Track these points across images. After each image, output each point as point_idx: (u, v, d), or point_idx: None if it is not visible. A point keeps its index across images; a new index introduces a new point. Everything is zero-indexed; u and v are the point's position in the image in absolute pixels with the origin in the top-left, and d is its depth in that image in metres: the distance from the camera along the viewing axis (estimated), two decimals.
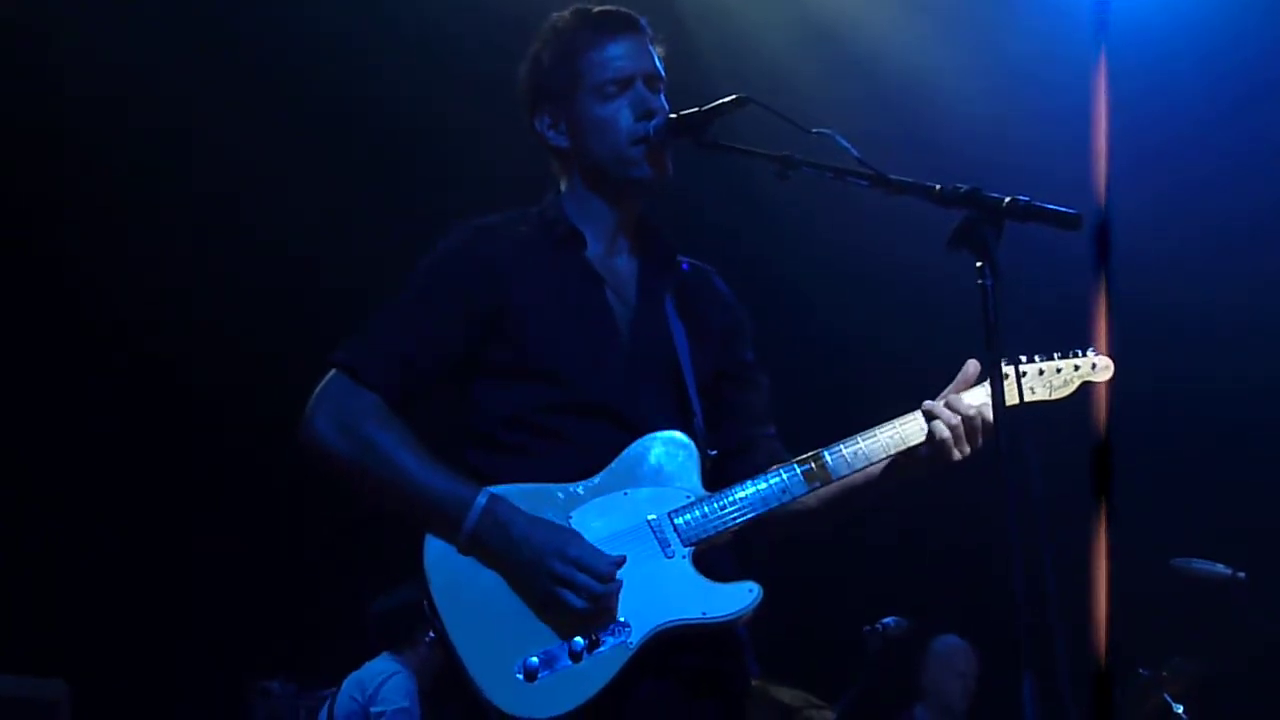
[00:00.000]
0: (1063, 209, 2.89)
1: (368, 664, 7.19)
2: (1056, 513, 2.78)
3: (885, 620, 7.10)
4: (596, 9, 3.50)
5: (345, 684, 7.18)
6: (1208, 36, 7.53)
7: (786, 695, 6.88)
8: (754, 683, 3.48)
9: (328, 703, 7.27)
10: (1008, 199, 2.89)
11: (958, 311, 2.96)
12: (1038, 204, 2.89)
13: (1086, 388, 3.50)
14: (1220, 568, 6.16)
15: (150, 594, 8.49)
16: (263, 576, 8.46)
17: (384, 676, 7.05)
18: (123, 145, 7.75)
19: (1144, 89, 7.16)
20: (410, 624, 7.17)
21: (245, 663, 8.17)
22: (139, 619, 8.44)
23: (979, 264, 2.87)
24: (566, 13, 3.50)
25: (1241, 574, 6.12)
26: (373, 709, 7.00)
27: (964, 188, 2.94)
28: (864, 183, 3.11)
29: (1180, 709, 6.19)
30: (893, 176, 3.08)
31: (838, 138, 3.11)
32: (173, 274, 8.24)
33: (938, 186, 2.98)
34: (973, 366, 3.37)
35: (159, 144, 7.79)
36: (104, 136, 7.72)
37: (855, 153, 3.10)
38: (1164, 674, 6.29)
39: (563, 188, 3.52)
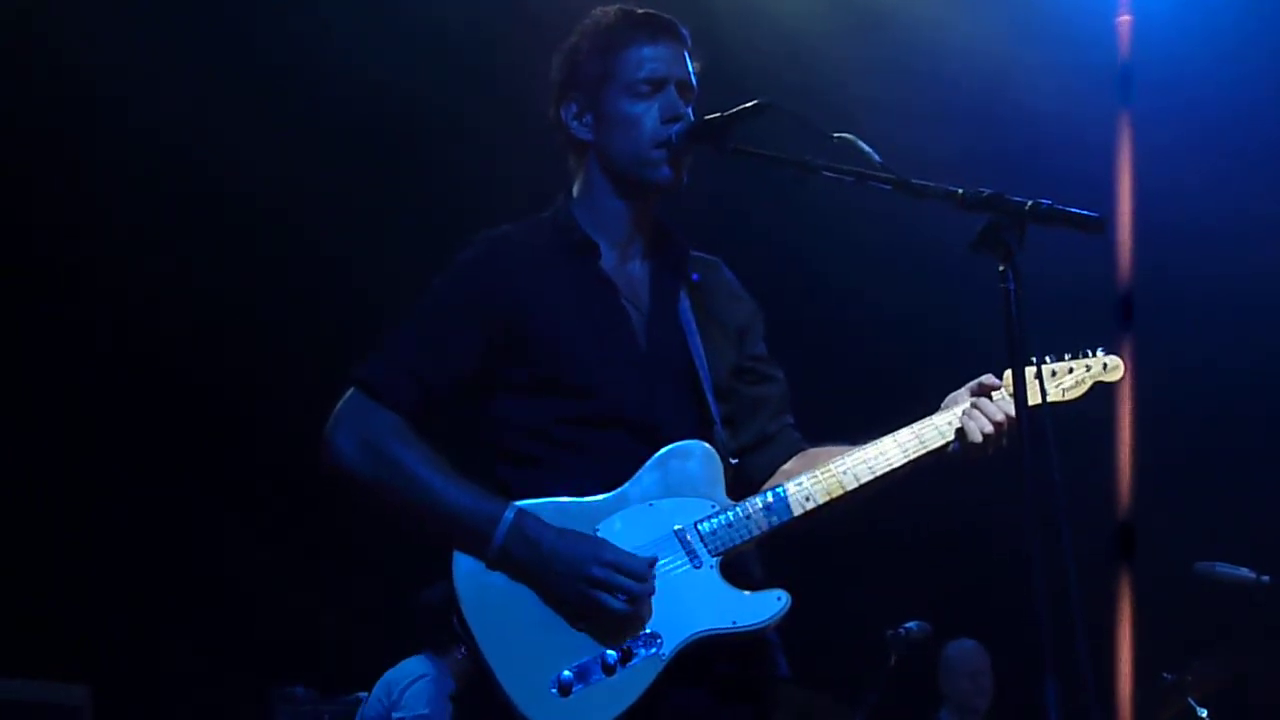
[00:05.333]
0: (1085, 212, 2.88)
1: (402, 663, 7.15)
2: (1080, 517, 2.77)
3: (907, 624, 7.10)
4: (641, 10, 3.50)
5: (378, 684, 7.15)
6: (1230, 24, 7.51)
7: (806, 697, 6.87)
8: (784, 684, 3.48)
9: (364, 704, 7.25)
10: (1029, 203, 2.88)
11: (986, 304, 2.94)
12: (1060, 207, 2.88)
13: (1099, 388, 3.50)
14: (1244, 571, 6.13)
15: (173, 600, 8.51)
16: (286, 582, 8.47)
17: (410, 680, 7.01)
18: (128, 145, 7.75)
19: (1166, 82, 7.16)
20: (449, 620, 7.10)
21: (268, 668, 8.18)
22: (162, 624, 8.46)
23: (1001, 268, 2.86)
24: (611, 9, 3.50)
25: (1265, 578, 6.09)
26: (394, 714, 6.98)
27: (986, 192, 2.92)
28: (886, 187, 3.10)
29: (1204, 713, 6.17)
30: (914, 181, 3.07)
31: (859, 142, 3.10)
32: (187, 279, 8.27)
33: (960, 191, 2.96)
34: (989, 379, 3.36)
35: (166, 144, 7.79)
36: (111, 137, 7.74)
37: (877, 158, 3.09)
38: (1188, 678, 6.27)
39: (575, 189, 3.51)
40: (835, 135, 3.14)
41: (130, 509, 8.48)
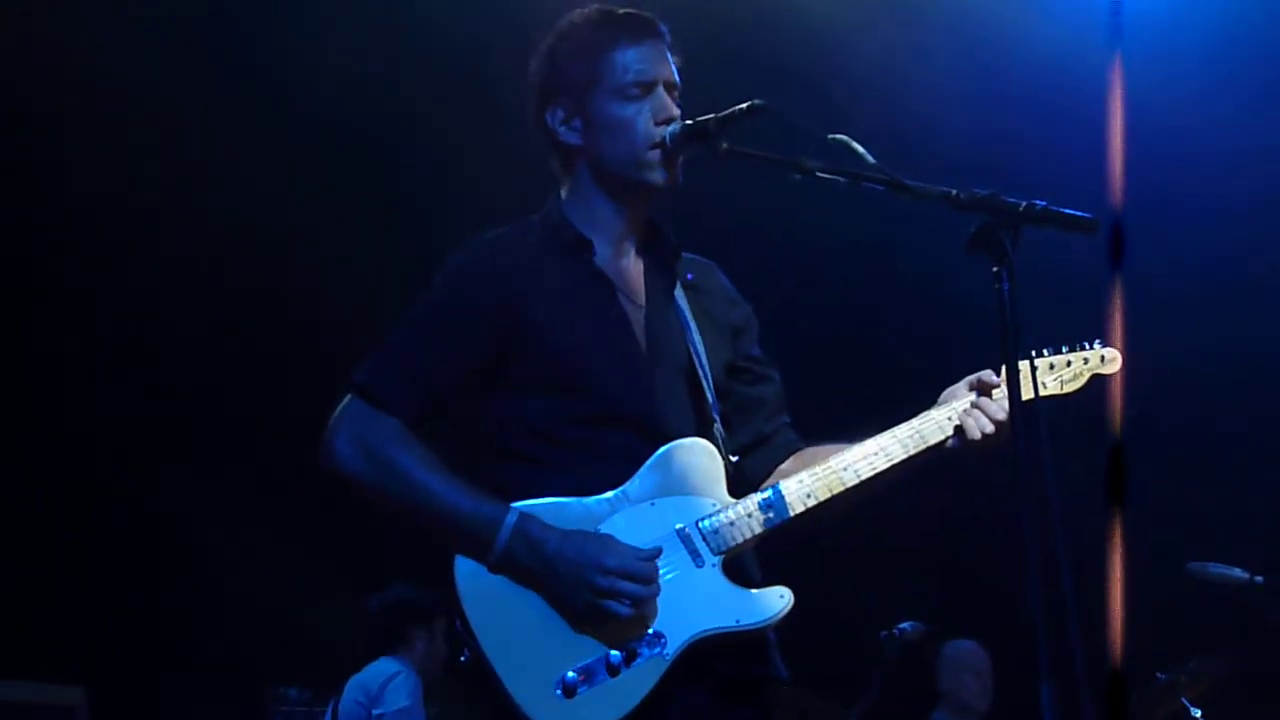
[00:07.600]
0: (1079, 213, 2.90)
1: (369, 665, 7.22)
2: (1072, 517, 2.78)
3: (901, 625, 7.10)
4: (621, 10, 3.48)
5: (348, 686, 7.21)
6: (1223, 27, 7.51)
7: (802, 698, 6.87)
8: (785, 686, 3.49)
9: (331, 707, 7.29)
10: (1024, 204, 2.89)
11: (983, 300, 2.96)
12: (1054, 208, 2.89)
13: (1097, 380, 3.51)
14: (1237, 572, 6.13)
15: (169, 601, 8.51)
16: (280, 584, 8.47)
17: (386, 677, 7.09)
18: (117, 158, 7.74)
19: (1157, 82, 7.15)
20: (402, 621, 7.23)
21: (262, 670, 8.18)
22: (157, 626, 8.46)
23: (995, 268, 2.87)
24: (589, 10, 3.48)
25: (1259, 578, 6.09)
26: (375, 710, 7.03)
27: (981, 192, 2.93)
28: (879, 188, 3.10)
29: (1198, 713, 6.17)
30: (909, 182, 3.07)
31: (853, 143, 3.10)
32: (185, 281, 8.27)
33: (954, 191, 2.97)
34: (989, 375, 3.37)
35: (153, 158, 7.78)
36: (99, 149, 7.71)
37: (871, 159, 3.09)
38: (1181, 678, 6.27)
39: (565, 191, 3.50)
40: (830, 136, 3.14)
41: (126, 510, 8.47)
